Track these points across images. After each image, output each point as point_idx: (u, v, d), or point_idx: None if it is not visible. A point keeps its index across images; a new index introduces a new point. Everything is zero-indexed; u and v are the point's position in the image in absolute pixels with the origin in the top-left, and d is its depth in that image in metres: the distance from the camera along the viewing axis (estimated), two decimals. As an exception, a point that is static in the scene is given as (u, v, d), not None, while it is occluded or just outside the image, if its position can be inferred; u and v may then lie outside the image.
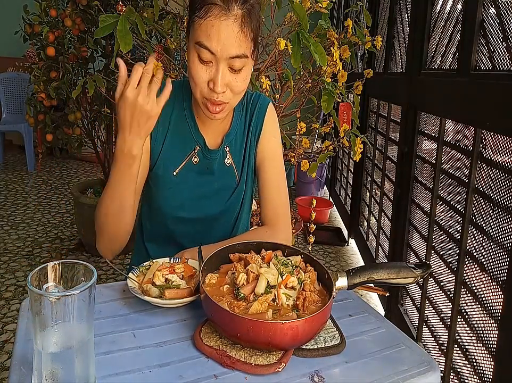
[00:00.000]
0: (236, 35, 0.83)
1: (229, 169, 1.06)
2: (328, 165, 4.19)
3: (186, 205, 1.04)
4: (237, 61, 0.86)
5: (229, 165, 1.05)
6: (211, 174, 1.05)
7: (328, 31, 1.64)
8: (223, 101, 0.90)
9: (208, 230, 1.09)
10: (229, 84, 0.88)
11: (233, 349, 0.68)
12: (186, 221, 1.06)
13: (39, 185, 4.08)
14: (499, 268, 1.10)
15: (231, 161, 1.05)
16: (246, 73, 0.89)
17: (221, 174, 1.05)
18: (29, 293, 0.53)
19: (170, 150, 1.02)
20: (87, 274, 0.57)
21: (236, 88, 0.89)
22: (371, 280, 0.76)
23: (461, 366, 1.31)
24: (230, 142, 1.05)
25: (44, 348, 0.54)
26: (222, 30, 0.82)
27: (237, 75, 0.88)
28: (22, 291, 2.26)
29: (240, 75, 0.88)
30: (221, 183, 1.06)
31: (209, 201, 1.06)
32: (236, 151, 1.06)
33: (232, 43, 0.84)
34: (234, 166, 1.06)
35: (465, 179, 1.33)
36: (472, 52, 1.30)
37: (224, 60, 0.85)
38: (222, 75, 0.86)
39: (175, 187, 1.03)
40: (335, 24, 4.23)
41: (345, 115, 1.88)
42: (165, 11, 1.89)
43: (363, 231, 2.85)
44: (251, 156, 1.07)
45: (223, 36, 0.83)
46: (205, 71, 0.87)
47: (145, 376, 0.64)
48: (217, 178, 1.06)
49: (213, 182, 1.05)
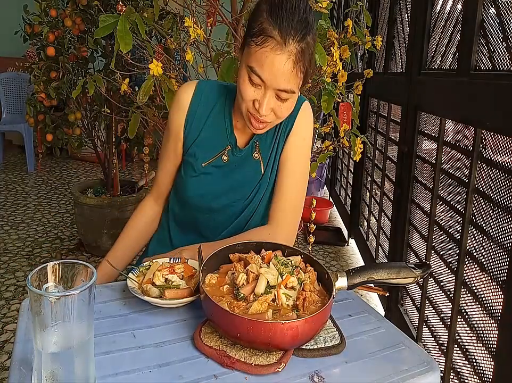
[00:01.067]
0: (288, 71, 0.86)
1: (256, 163, 1.06)
2: (328, 165, 4.18)
3: (208, 195, 1.07)
4: (284, 94, 0.89)
5: (257, 159, 1.06)
6: (237, 168, 1.07)
7: (328, 31, 1.64)
8: (266, 121, 0.94)
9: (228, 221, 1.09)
10: (273, 109, 0.92)
11: (233, 349, 0.68)
12: (208, 210, 1.09)
13: (39, 185, 4.08)
14: (499, 268, 1.10)
15: (259, 156, 1.06)
16: (291, 103, 0.93)
17: (246, 167, 1.06)
18: (28, 293, 0.53)
19: (203, 143, 1.07)
20: (87, 274, 0.57)
21: (280, 113, 0.93)
22: (371, 280, 0.76)
23: (461, 366, 1.31)
24: (261, 137, 1.06)
25: (44, 348, 0.54)
26: (276, 64, 0.85)
27: (282, 103, 0.91)
28: (22, 291, 2.26)
29: (286, 104, 0.92)
30: (245, 175, 1.07)
31: (232, 194, 1.07)
32: (266, 146, 1.06)
33: (282, 78, 0.86)
34: (261, 160, 1.06)
35: (465, 179, 1.33)
36: (472, 52, 1.29)
37: (272, 90, 0.89)
38: (268, 101, 0.90)
39: (201, 177, 1.07)
40: (335, 24, 4.23)
41: (345, 115, 1.88)
42: (165, 11, 1.89)
43: (363, 231, 2.85)
44: (278, 151, 1.07)
45: (275, 69, 0.85)
46: (253, 91, 0.90)
47: (145, 376, 0.64)
48: (242, 171, 1.07)
49: (238, 174, 1.07)
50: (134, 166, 4.58)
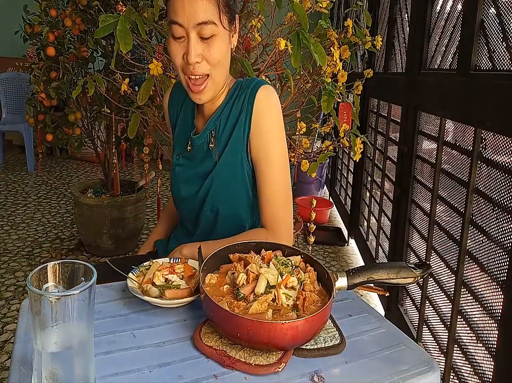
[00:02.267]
0: (199, 1, 0.87)
1: (210, 153, 1.06)
2: (328, 165, 4.18)
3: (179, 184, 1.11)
4: (205, 28, 0.89)
5: (211, 149, 1.05)
6: (199, 158, 1.08)
7: (328, 31, 1.64)
8: (200, 72, 0.92)
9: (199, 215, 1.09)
10: (202, 54, 0.91)
11: (233, 349, 0.68)
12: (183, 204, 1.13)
13: (39, 185, 4.08)
14: (499, 268, 1.10)
15: (213, 145, 1.04)
16: (218, 42, 0.92)
17: (205, 158, 1.07)
18: (28, 293, 0.53)
19: (177, 138, 1.14)
20: (87, 274, 0.57)
21: (211, 57, 0.92)
22: (371, 280, 0.76)
23: (461, 366, 1.31)
24: (216, 128, 1.04)
25: (44, 348, 0.54)
26: (186, 0, 0.87)
27: (208, 44, 0.91)
28: (22, 291, 2.26)
29: (212, 44, 0.91)
30: (203, 165, 1.07)
31: (196, 184, 1.08)
32: (223, 136, 1.04)
33: (196, 10, 0.87)
34: (216, 150, 1.04)
35: (465, 179, 1.33)
36: (472, 52, 1.29)
37: (192, 29, 0.89)
38: (193, 45, 0.89)
39: (176, 169, 1.12)
40: (335, 24, 4.23)
41: (345, 115, 1.88)
42: (165, 11, 1.89)
43: (363, 231, 2.85)
44: (238, 144, 1.02)
45: (187, 5, 0.87)
46: (179, 46, 0.91)
47: (145, 376, 0.64)
48: (202, 161, 1.07)
49: (198, 164, 1.08)
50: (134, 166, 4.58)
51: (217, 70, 0.95)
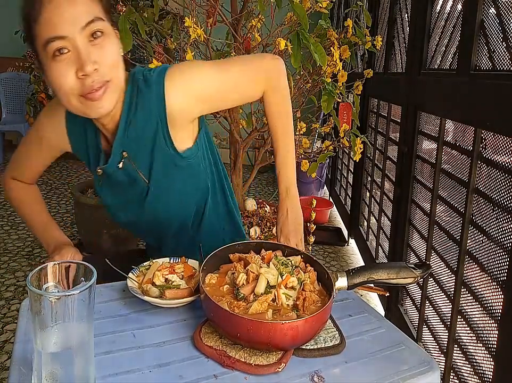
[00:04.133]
0: (77, 1, 0.76)
1: (132, 175, 0.94)
2: (328, 165, 4.18)
3: (119, 217, 1.04)
4: (93, 27, 0.77)
5: (131, 170, 0.93)
6: (121, 185, 0.97)
7: (328, 31, 1.64)
8: (101, 81, 0.79)
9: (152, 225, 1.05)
10: (97, 60, 0.78)
11: (233, 349, 0.68)
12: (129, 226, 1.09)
13: (39, 185, 4.07)
14: (499, 268, 1.10)
15: (135, 167, 0.92)
16: (110, 40, 0.81)
17: (127, 184, 0.96)
18: (28, 293, 0.53)
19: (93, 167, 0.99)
20: (87, 274, 0.57)
21: (107, 60, 0.79)
22: (371, 280, 0.76)
23: (461, 366, 1.31)
24: (126, 146, 0.90)
25: (44, 348, 0.54)
26: (57, 6, 0.75)
27: (100, 46, 0.78)
28: (22, 291, 2.26)
29: (105, 45, 0.79)
30: (131, 192, 0.97)
31: (132, 213, 1.00)
32: (138, 150, 0.91)
33: (78, 12, 0.76)
34: (139, 170, 0.93)
35: (465, 179, 1.33)
36: (472, 52, 1.29)
37: (78, 34, 0.76)
38: (85, 51, 0.76)
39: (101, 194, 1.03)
40: (335, 24, 4.22)
41: (345, 115, 1.88)
42: (165, 11, 1.89)
43: (363, 231, 2.85)
44: (163, 150, 0.91)
45: (65, 10, 0.75)
46: (65, 64, 0.77)
47: (145, 376, 0.64)
48: (126, 189, 0.97)
49: (125, 193, 0.99)
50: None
51: (116, 72, 0.82)
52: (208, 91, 0.92)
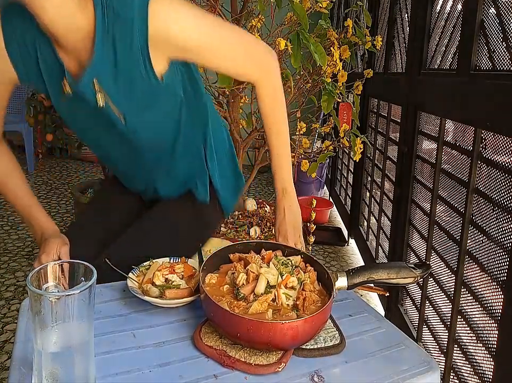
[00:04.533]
0: None
1: (106, 111, 0.87)
2: (328, 165, 4.18)
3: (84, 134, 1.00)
4: None
5: (105, 105, 0.85)
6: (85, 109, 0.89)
7: (328, 31, 1.64)
8: None
9: None
10: None
11: (233, 349, 0.68)
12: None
13: (39, 185, 4.08)
14: (499, 268, 1.10)
15: (106, 99, 0.85)
16: None
17: (99, 117, 0.89)
18: (28, 293, 0.53)
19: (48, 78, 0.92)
20: (87, 274, 0.57)
21: None
22: (371, 280, 0.76)
23: (461, 366, 1.31)
24: (100, 75, 0.83)
25: (44, 348, 0.54)
26: None
27: None
28: (22, 291, 2.26)
29: None
30: (101, 121, 0.90)
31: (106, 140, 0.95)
32: (113, 81, 0.84)
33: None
34: (113, 106, 0.86)
35: (465, 179, 1.33)
36: (472, 52, 1.29)
37: None
38: None
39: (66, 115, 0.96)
40: (335, 24, 4.22)
41: (345, 115, 1.88)
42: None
43: (363, 231, 2.85)
44: (145, 75, 0.83)
45: None
46: None
47: (145, 376, 0.64)
48: (100, 122, 0.91)
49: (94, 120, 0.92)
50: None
51: None
52: (195, 43, 0.84)
